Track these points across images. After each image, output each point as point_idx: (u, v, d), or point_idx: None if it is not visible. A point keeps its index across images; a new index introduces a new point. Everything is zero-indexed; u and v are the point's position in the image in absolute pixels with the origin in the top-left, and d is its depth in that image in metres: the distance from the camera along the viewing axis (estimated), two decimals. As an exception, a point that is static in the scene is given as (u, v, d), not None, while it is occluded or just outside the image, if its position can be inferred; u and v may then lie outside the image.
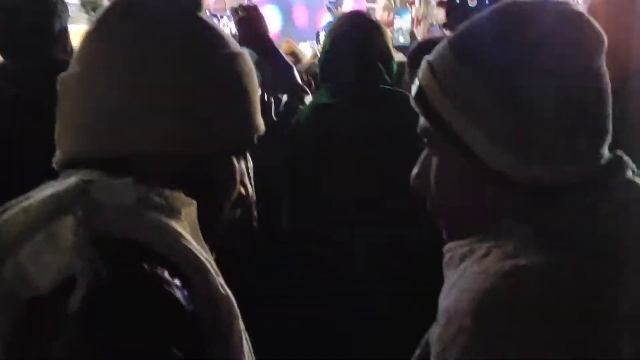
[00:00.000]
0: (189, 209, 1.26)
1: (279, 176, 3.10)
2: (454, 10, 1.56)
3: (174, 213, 1.23)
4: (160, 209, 1.21)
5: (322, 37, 4.52)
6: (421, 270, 2.76)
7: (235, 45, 1.38)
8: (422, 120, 1.28)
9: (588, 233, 1.14)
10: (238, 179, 1.39)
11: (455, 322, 1.09)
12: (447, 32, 7.05)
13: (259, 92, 1.44)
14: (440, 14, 7.73)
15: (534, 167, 1.17)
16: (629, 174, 1.22)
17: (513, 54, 1.18)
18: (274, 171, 2.92)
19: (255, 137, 1.41)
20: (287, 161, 3.13)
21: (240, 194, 1.41)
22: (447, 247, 1.27)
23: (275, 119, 3.17)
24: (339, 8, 9.74)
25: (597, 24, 1.23)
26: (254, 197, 1.45)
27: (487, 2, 1.43)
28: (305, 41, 9.45)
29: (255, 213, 2.48)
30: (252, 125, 1.40)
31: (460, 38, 1.27)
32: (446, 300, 1.15)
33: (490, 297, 1.07)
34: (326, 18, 10.84)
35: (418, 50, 3.32)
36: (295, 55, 6.48)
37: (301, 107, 3.25)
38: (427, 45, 3.17)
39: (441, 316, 1.13)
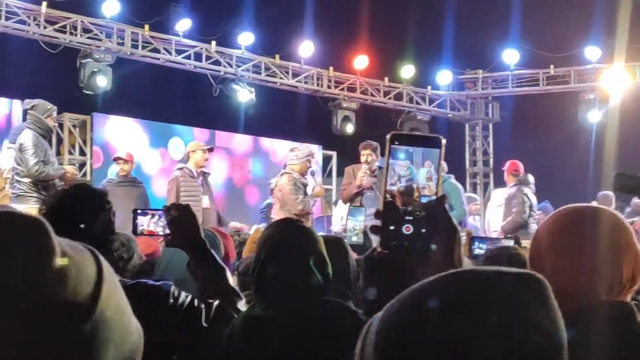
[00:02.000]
0: None
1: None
2: (386, 236, 1.40)
3: None
4: None
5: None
6: None
7: None
8: None
9: None
10: None
11: None
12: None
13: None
14: None
15: None
16: None
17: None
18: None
19: None
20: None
21: None
22: None
23: (205, 325, 2.95)
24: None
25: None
26: None
27: (422, 230, 1.28)
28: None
29: None
30: None
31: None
32: None
33: None
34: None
35: (372, 255, 3.21)
36: None
37: (234, 314, 3.04)
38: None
39: None
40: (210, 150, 10.74)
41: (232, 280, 3.29)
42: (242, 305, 3.18)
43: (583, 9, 16.43)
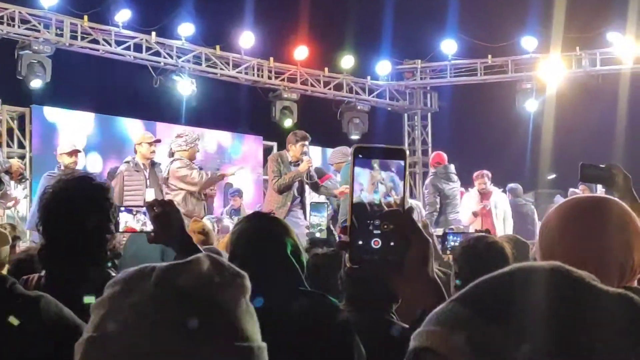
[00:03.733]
0: None
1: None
2: (355, 251, 1.41)
3: None
4: None
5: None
6: None
7: None
8: None
9: None
10: None
11: None
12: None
13: None
14: None
15: None
16: None
17: None
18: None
19: None
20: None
21: None
22: None
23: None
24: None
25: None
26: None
27: (391, 244, 1.26)
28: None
29: None
30: None
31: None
32: None
33: None
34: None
35: None
36: (206, 234, 6.47)
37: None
38: None
39: None
40: (157, 141, 10.61)
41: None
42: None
43: (519, -1, 16.69)
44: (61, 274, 3.15)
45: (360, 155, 1.54)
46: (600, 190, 7.29)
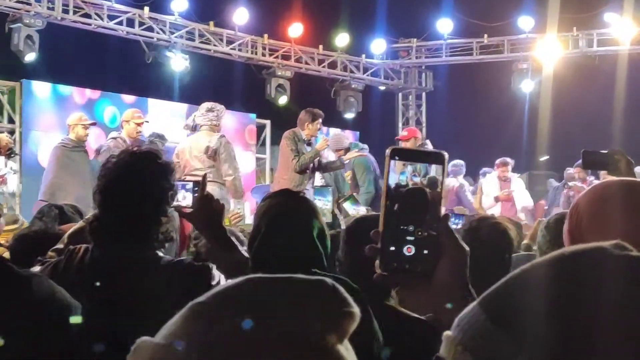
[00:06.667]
0: None
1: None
2: (386, 257, 1.34)
3: None
4: None
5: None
6: None
7: None
8: None
9: None
10: None
11: None
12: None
13: None
14: None
15: None
16: None
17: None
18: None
19: None
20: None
21: None
22: None
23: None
24: None
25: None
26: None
27: (425, 252, 1.17)
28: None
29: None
30: None
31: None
32: None
33: None
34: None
35: (355, 226, 3.34)
36: None
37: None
38: (364, 222, 3.28)
39: None
40: (146, 122, 10.43)
41: (246, 255, 3.18)
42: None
43: (516, -22, 16.57)
44: (109, 249, 3.02)
45: (396, 157, 1.48)
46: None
